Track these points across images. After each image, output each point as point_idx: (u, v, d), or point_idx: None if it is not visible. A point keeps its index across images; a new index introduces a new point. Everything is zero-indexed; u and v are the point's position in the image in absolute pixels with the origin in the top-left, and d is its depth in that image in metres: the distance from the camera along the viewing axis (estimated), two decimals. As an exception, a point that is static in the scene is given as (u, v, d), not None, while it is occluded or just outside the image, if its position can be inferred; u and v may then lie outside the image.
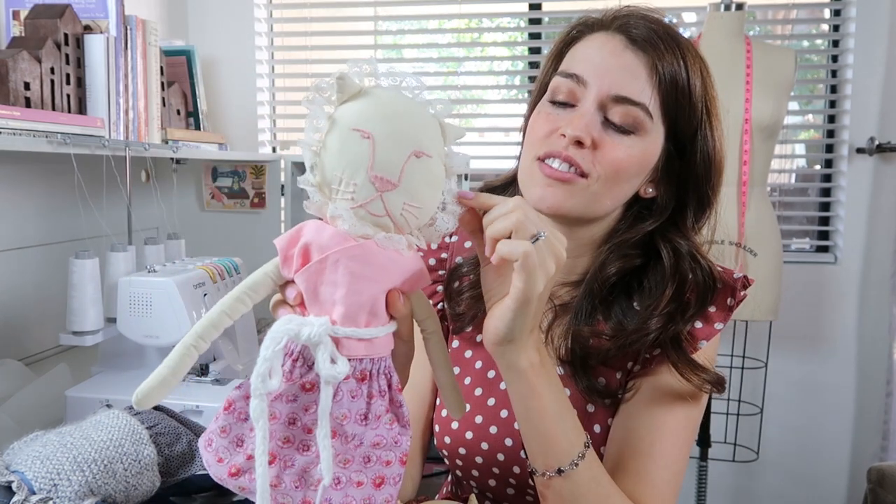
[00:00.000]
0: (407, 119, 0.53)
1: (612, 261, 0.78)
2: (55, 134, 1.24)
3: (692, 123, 0.75)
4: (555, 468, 0.67)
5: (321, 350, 0.51)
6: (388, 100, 0.53)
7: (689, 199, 0.78)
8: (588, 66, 0.75)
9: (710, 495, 2.12)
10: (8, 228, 1.39)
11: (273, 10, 2.34)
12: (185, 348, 0.52)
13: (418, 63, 2.42)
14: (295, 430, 0.53)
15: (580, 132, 0.72)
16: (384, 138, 0.52)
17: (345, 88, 0.52)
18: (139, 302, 1.22)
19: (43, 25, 1.35)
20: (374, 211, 0.53)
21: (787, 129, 2.16)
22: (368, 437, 0.55)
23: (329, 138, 0.52)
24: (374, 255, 0.53)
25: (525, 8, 2.30)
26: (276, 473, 0.53)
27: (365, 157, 0.51)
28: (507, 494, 0.85)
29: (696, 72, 0.75)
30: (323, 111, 0.52)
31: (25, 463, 0.79)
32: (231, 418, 0.54)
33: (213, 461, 0.54)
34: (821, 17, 2.27)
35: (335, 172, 0.52)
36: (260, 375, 0.49)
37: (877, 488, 1.40)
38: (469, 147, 2.41)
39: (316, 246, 0.52)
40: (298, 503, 0.53)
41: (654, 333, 0.74)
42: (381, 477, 0.55)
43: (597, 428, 0.80)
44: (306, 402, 0.53)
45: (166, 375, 0.51)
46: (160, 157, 1.76)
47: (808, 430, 2.23)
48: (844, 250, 2.17)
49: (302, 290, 0.53)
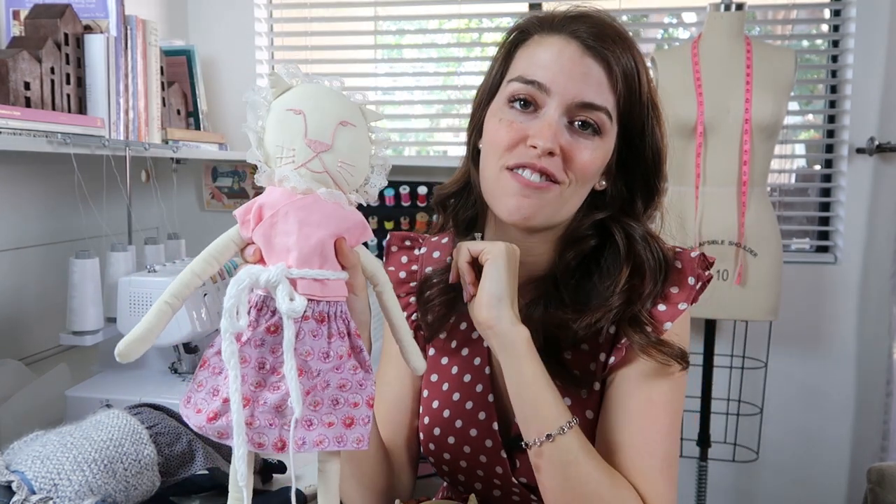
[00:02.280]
0: (331, 99, 0.63)
1: (569, 246, 0.82)
2: (55, 134, 1.24)
3: (641, 119, 0.79)
4: (545, 433, 0.72)
5: (280, 289, 0.58)
6: (314, 88, 0.64)
7: (638, 188, 0.82)
8: (549, 73, 0.76)
9: (710, 495, 2.12)
10: (8, 228, 1.39)
11: (273, 10, 2.34)
12: (161, 305, 0.59)
13: (418, 63, 2.42)
14: (264, 374, 0.60)
15: (550, 144, 0.74)
16: (313, 111, 0.61)
17: (277, 84, 0.62)
18: (139, 302, 1.22)
19: (43, 25, 1.35)
20: (314, 168, 0.61)
21: (787, 129, 2.16)
22: (334, 380, 0.61)
23: (269, 122, 0.62)
24: (319, 206, 0.61)
25: (525, 8, 2.30)
26: (250, 413, 0.58)
27: (300, 128, 0.61)
28: (493, 496, 0.85)
29: (643, 68, 0.78)
30: (262, 105, 0.62)
31: (25, 463, 0.79)
32: (206, 373, 0.61)
33: (193, 413, 0.60)
34: (821, 17, 2.27)
35: (276, 145, 0.61)
36: (227, 315, 0.56)
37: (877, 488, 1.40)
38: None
39: (268, 205, 0.61)
40: (274, 442, 0.59)
41: (615, 310, 0.77)
42: (351, 418, 0.62)
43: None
44: (272, 345, 0.59)
45: (145, 331, 0.58)
46: (160, 157, 1.76)
47: (808, 430, 2.23)
48: (844, 250, 2.17)
49: (260, 245, 0.61)
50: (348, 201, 0.64)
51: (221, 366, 0.59)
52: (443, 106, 2.46)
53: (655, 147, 0.80)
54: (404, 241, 0.95)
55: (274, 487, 1.01)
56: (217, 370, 0.61)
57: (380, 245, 1.96)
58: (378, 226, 1.97)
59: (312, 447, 0.60)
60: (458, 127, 2.49)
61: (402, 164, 1.98)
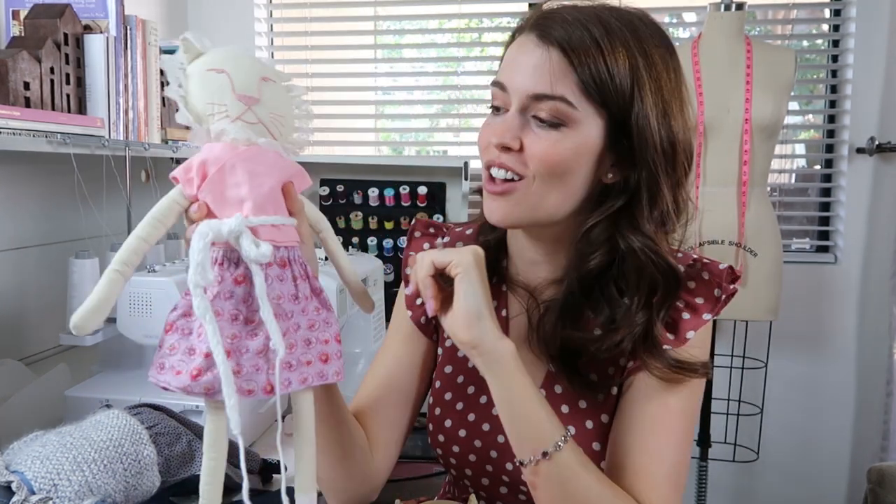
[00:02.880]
0: (247, 58, 0.65)
1: (589, 254, 0.78)
2: (55, 134, 1.24)
3: (623, 103, 0.73)
4: (540, 451, 0.70)
5: (244, 238, 0.59)
6: (227, 50, 0.65)
7: (641, 182, 0.75)
8: (507, 71, 0.76)
9: (710, 495, 2.12)
10: (8, 228, 1.39)
11: (273, 10, 2.34)
12: (111, 274, 0.58)
13: (418, 63, 2.42)
14: (238, 325, 0.60)
15: (502, 138, 0.74)
16: (235, 70, 0.63)
17: (190, 48, 0.63)
18: (139, 302, 1.22)
19: (43, 25, 1.35)
20: (249, 119, 0.63)
21: (787, 129, 2.16)
22: (303, 322, 0.64)
23: (190, 84, 0.62)
24: (263, 155, 0.63)
25: (525, 8, 2.30)
26: (235, 362, 0.59)
27: (226, 84, 0.62)
28: (500, 493, 0.85)
29: (619, 49, 0.72)
30: (178, 70, 0.63)
31: (25, 463, 0.79)
32: (175, 336, 0.60)
33: (172, 377, 0.59)
34: (821, 17, 2.27)
35: (205, 102, 0.62)
36: (198, 269, 0.57)
37: (877, 488, 1.40)
38: (469, 147, 2.41)
39: (211, 160, 0.61)
40: (262, 386, 0.60)
41: (639, 327, 0.75)
42: (325, 354, 0.65)
43: (589, 424, 0.80)
44: (242, 295, 0.60)
45: (98, 301, 0.57)
46: (160, 157, 1.76)
47: (808, 430, 2.23)
48: (844, 250, 2.17)
49: (209, 201, 0.61)
50: (284, 149, 0.66)
51: (191, 326, 0.60)
52: (443, 106, 2.46)
53: (648, 133, 0.73)
54: (428, 227, 0.96)
55: (274, 488, 1.01)
56: (187, 331, 0.60)
57: (379, 246, 1.96)
58: (378, 226, 1.97)
59: (298, 385, 0.63)
60: (458, 127, 2.49)
61: (402, 164, 1.98)
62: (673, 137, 0.75)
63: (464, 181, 1.90)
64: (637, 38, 0.74)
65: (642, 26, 0.76)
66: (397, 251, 1.95)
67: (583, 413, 0.80)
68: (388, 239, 1.96)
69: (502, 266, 0.88)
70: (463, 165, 1.89)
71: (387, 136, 2.51)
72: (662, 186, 0.74)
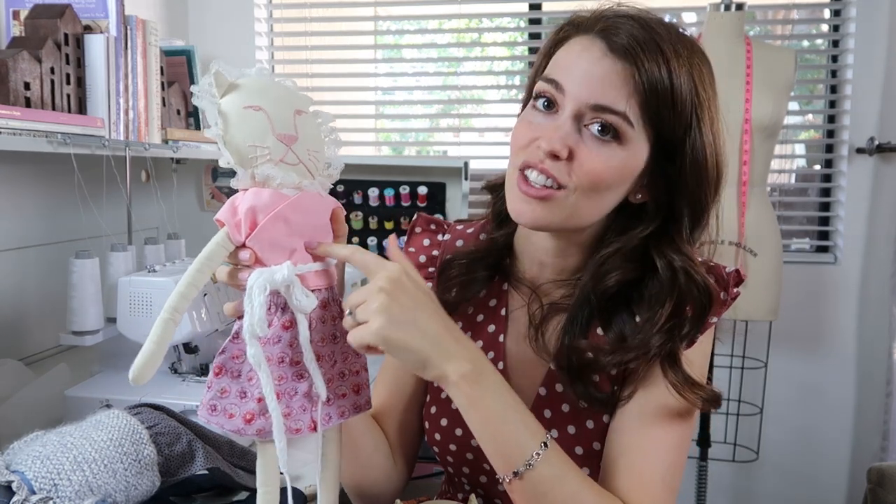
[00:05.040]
0: (277, 90, 0.65)
1: (610, 271, 0.77)
2: (55, 134, 1.24)
3: (679, 128, 0.72)
4: (510, 471, 0.68)
5: (295, 288, 0.61)
6: (256, 82, 0.65)
7: (683, 205, 0.75)
8: (567, 73, 0.73)
9: (710, 495, 2.12)
10: (8, 228, 1.39)
11: (273, 10, 2.34)
12: (164, 322, 0.60)
13: (418, 63, 2.42)
14: (285, 367, 0.63)
15: (555, 145, 0.71)
16: (271, 106, 0.63)
17: (221, 82, 0.63)
18: (139, 302, 1.22)
19: (43, 25, 1.35)
20: (290, 161, 0.63)
21: (787, 129, 2.16)
22: (339, 356, 0.67)
23: (229, 126, 0.62)
24: (307, 202, 0.64)
25: (525, 8, 2.30)
26: (285, 405, 0.63)
27: (265, 124, 0.62)
28: (497, 491, 0.85)
29: (684, 74, 0.72)
30: (213, 107, 0.62)
31: (25, 463, 0.79)
32: (226, 379, 0.63)
33: (225, 419, 0.62)
34: (821, 17, 2.27)
35: (247, 144, 0.61)
36: (256, 322, 0.59)
37: (877, 488, 1.40)
38: (469, 147, 2.41)
39: (261, 208, 0.62)
40: (308, 425, 0.64)
41: (654, 351, 0.74)
42: (357, 385, 0.69)
43: (589, 423, 0.80)
44: (289, 339, 0.63)
45: (154, 350, 0.59)
46: (160, 157, 1.76)
47: (808, 430, 2.23)
48: (844, 250, 2.17)
49: (257, 248, 0.62)
50: (323, 187, 0.67)
51: (239, 368, 0.62)
52: (443, 106, 2.46)
53: (699, 159, 0.73)
54: (430, 224, 0.95)
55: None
56: (236, 374, 0.63)
57: (379, 246, 1.96)
58: (378, 226, 1.97)
59: (338, 420, 0.67)
60: (458, 127, 2.49)
61: (402, 164, 1.98)
62: (719, 161, 0.75)
63: (464, 181, 1.90)
64: (697, 61, 0.73)
65: (696, 47, 0.74)
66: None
67: (584, 412, 0.80)
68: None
69: (506, 263, 0.88)
70: (463, 165, 1.89)
71: (387, 136, 2.51)
72: (708, 210, 0.76)
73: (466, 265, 0.87)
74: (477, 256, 0.87)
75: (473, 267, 0.86)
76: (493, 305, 0.87)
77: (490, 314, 0.87)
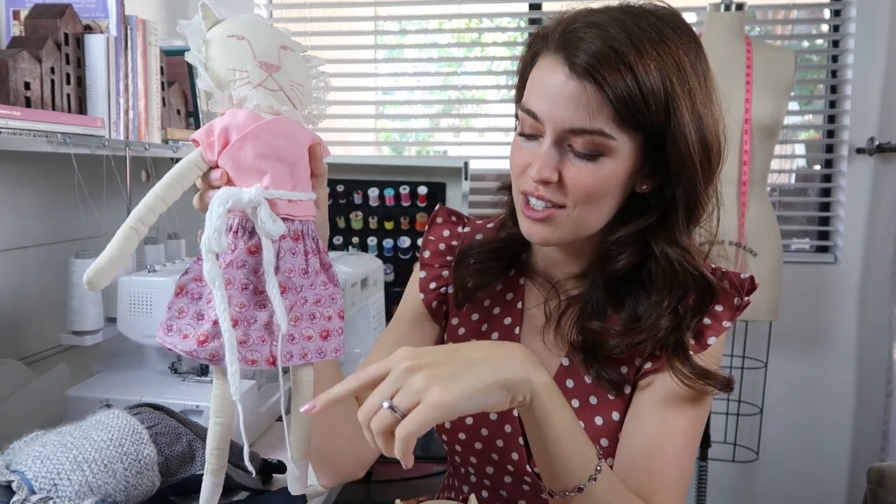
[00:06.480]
0: (265, 28, 0.65)
1: (616, 255, 0.79)
2: (55, 134, 1.24)
3: (658, 122, 0.72)
4: (574, 487, 0.67)
5: (261, 210, 0.59)
6: (246, 18, 0.65)
7: (678, 191, 0.76)
8: (541, 99, 0.74)
9: (710, 495, 2.12)
10: (8, 228, 1.39)
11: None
12: (127, 230, 0.59)
13: (418, 63, 2.42)
14: (248, 295, 0.61)
15: (543, 173, 0.74)
16: (255, 37, 0.63)
17: (209, 15, 0.63)
18: (139, 302, 1.22)
19: (43, 25, 1.35)
20: (270, 86, 0.63)
21: (787, 129, 2.16)
22: (311, 296, 0.65)
23: (210, 51, 0.62)
24: (285, 127, 0.62)
25: (525, 8, 2.30)
26: (242, 332, 0.60)
27: (247, 51, 0.62)
28: (504, 483, 0.85)
29: (652, 70, 0.70)
30: (198, 36, 0.62)
31: (25, 463, 0.79)
32: (185, 300, 0.61)
33: (179, 340, 0.60)
34: (821, 17, 2.27)
35: (227, 68, 0.61)
36: (212, 235, 0.57)
37: (877, 488, 1.40)
38: (469, 147, 2.41)
39: (234, 128, 0.61)
40: (265, 357, 0.62)
41: (663, 332, 0.76)
42: (326, 330, 0.66)
43: (598, 420, 0.80)
44: (254, 265, 0.61)
45: (114, 256, 0.58)
46: (160, 157, 1.76)
47: (808, 430, 2.23)
48: (844, 250, 2.17)
49: (228, 168, 0.61)
50: (304, 120, 0.65)
51: (201, 291, 0.61)
52: (443, 106, 2.46)
53: (684, 149, 0.73)
54: (451, 215, 0.97)
55: (274, 488, 1.00)
56: (196, 295, 0.61)
57: (379, 246, 1.96)
58: (378, 226, 1.97)
59: (299, 360, 0.64)
60: (458, 127, 2.49)
61: (402, 164, 1.98)
62: (708, 147, 0.75)
63: (464, 181, 1.90)
64: (667, 49, 0.72)
65: (668, 30, 0.73)
66: (397, 251, 1.95)
67: (593, 409, 0.80)
68: (389, 239, 1.96)
69: (523, 258, 0.90)
70: (463, 165, 1.89)
71: (387, 136, 2.51)
72: (701, 196, 0.76)
73: (484, 254, 0.89)
74: (495, 247, 0.89)
75: (491, 256, 0.89)
76: (510, 299, 0.89)
77: (506, 307, 0.89)
